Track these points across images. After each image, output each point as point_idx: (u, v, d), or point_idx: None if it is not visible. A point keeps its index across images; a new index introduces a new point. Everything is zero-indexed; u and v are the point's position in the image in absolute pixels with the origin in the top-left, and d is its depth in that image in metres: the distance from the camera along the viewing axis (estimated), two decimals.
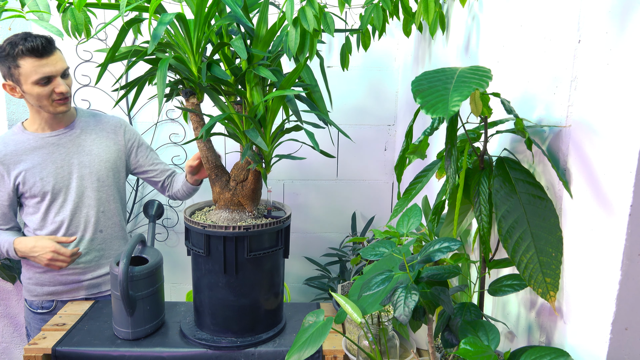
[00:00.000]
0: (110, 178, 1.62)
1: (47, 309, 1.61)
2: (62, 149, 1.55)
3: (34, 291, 1.60)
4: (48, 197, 1.54)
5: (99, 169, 1.59)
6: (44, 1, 0.94)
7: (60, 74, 1.45)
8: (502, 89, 1.03)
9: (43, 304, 1.61)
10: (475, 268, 1.13)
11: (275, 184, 2.23)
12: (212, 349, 1.27)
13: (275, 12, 1.94)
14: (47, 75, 1.41)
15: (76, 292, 1.62)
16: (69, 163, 1.55)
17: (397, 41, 2.12)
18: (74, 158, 1.56)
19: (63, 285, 1.60)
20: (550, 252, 0.76)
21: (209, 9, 1.11)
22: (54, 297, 1.60)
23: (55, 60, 1.42)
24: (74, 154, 1.56)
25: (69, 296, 1.62)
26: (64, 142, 1.55)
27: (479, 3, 1.19)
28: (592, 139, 0.73)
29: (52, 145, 1.54)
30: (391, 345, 1.07)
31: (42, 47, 1.39)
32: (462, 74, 0.69)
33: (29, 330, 1.66)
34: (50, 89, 1.43)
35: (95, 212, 1.60)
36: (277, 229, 1.28)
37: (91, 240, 1.61)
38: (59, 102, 1.47)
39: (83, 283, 1.62)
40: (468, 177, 0.85)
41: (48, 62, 1.40)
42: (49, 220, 1.56)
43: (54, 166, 1.53)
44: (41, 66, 1.40)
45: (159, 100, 1.03)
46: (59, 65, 1.44)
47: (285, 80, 1.12)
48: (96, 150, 1.60)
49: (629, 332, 0.70)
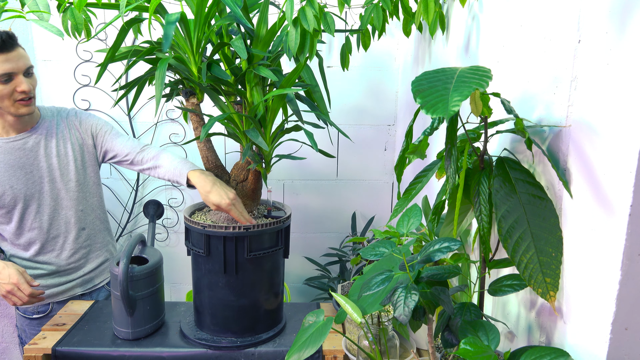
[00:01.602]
0: (83, 175, 1.57)
1: (42, 312, 1.57)
2: (29, 153, 1.46)
3: None
4: (20, 205, 1.47)
5: (70, 169, 1.53)
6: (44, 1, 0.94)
7: (22, 71, 1.35)
8: (502, 89, 1.03)
9: (39, 308, 1.57)
10: (475, 268, 1.13)
11: (275, 184, 2.23)
12: (212, 349, 1.27)
13: (275, 12, 1.94)
14: (8, 72, 1.31)
15: (71, 291, 1.61)
16: (38, 167, 1.48)
17: (397, 41, 2.12)
18: (43, 162, 1.48)
19: (57, 287, 1.58)
20: (550, 252, 0.76)
21: (209, 9, 1.11)
22: (49, 300, 1.57)
23: (16, 56, 1.33)
24: (42, 157, 1.48)
25: (65, 296, 1.60)
26: (31, 145, 1.46)
27: (479, 3, 1.19)
28: (592, 139, 0.73)
29: (18, 150, 1.45)
30: (391, 345, 1.07)
31: (1, 42, 1.29)
32: (462, 74, 0.69)
33: (23, 337, 1.62)
34: (11, 88, 1.34)
35: (74, 211, 1.56)
36: (277, 229, 1.28)
37: (76, 239, 1.58)
38: (22, 103, 1.37)
39: (77, 281, 1.61)
40: (468, 177, 0.85)
41: (8, 57, 1.31)
42: (26, 227, 1.51)
43: (22, 172, 1.45)
44: (1, 62, 1.30)
45: (156, 100, 1.03)
46: (22, 62, 1.35)
47: (286, 80, 1.12)
48: (63, 150, 1.52)
49: (629, 332, 0.70)
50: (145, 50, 1.18)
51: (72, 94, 2.08)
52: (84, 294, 1.63)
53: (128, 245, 1.28)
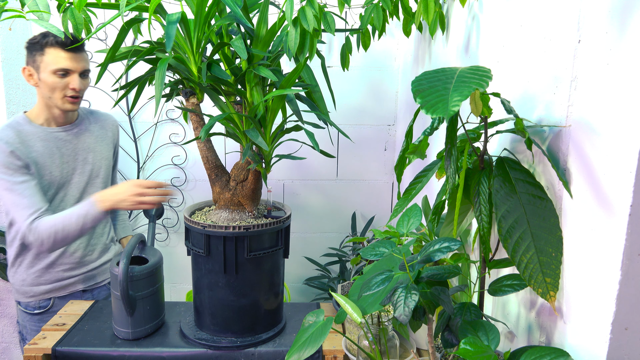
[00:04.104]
0: (107, 175, 1.68)
1: (44, 308, 1.60)
2: (68, 144, 1.57)
3: (29, 292, 1.58)
4: (52, 191, 1.54)
5: (100, 166, 1.64)
6: (44, 1, 0.94)
7: (79, 71, 1.49)
8: (502, 89, 1.03)
9: (40, 303, 1.60)
10: (475, 268, 1.13)
11: (275, 184, 2.23)
12: (212, 349, 1.27)
13: (275, 12, 1.94)
14: (66, 68, 1.45)
15: (73, 287, 1.63)
16: (73, 159, 1.58)
17: (397, 41, 2.12)
18: (79, 154, 1.59)
19: (59, 282, 1.60)
20: (550, 252, 0.76)
21: (209, 9, 1.11)
22: (51, 295, 1.60)
23: (79, 58, 1.48)
24: (79, 151, 1.59)
25: (67, 291, 1.62)
26: (70, 138, 1.58)
27: (479, 3, 1.19)
28: (592, 139, 0.73)
29: (58, 140, 1.56)
30: (391, 345, 1.07)
31: (70, 42, 1.45)
32: (462, 74, 0.69)
33: (24, 334, 1.64)
34: (65, 82, 1.47)
35: None
36: (277, 229, 1.28)
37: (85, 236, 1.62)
38: (69, 99, 1.50)
39: (79, 277, 1.63)
40: (468, 177, 0.85)
41: (72, 57, 1.46)
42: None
43: (60, 160, 1.55)
44: (64, 58, 1.45)
45: (156, 100, 1.03)
46: (81, 64, 1.49)
47: (286, 80, 1.12)
48: (98, 147, 1.64)
49: (629, 332, 0.70)
50: (145, 50, 1.18)
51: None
52: (85, 290, 1.66)
53: (128, 245, 1.28)
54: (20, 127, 1.50)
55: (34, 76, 1.48)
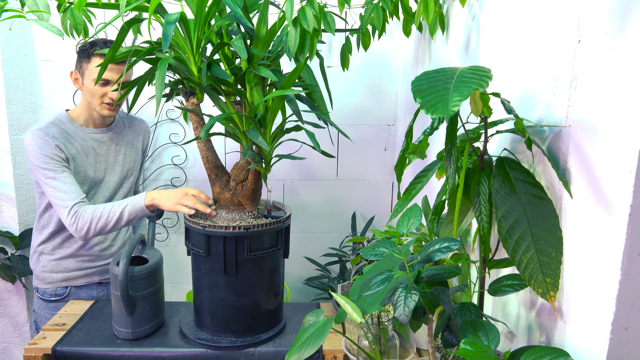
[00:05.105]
0: (136, 177, 1.77)
1: (60, 295, 1.67)
2: (103, 145, 1.65)
3: (48, 279, 1.65)
4: (85, 188, 1.60)
5: (129, 168, 1.72)
6: (44, 1, 0.94)
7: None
8: (502, 89, 1.03)
9: (57, 290, 1.66)
10: (475, 268, 1.13)
11: (275, 184, 2.23)
12: (212, 349, 1.27)
13: (275, 12, 1.94)
14: (108, 78, 1.52)
15: (90, 278, 1.70)
16: (106, 159, 1.66)
17: (397, 41, 2.12)
18: (111, 156, 1.67)
19: (77, 271, 1.67)
20: (550, 252, 0.76)
21: (209, 9, 1.11)
22: (68, 283, 1.67)
23: (120, 70, 1.53)
24: (112, 153, 1.67)
25: (83, 281, 1.68)
26: (105, 140, 1.66)
27: (479, 3, 1.19)
28: (592, 139, 0.73)
29: (95, 141, 1.64)
30: (391, 345, 1.07)
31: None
32: (462, 74, 0.69)
33: (38, 322, 1.70)
34: (103, 91, 1.54)
35: None
36: (277, 229, 1.28)
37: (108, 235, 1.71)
38: (107, 106, 1.57)
39: (97, 269, 1.70)
40: (468, 177, 0.85)
41: (114, 68, 1.52)
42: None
43: (94, 160, 1.63)
44: (108, 69, 1.51)
45: (157, 100, 1.03)
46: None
47: (286, 80, 1.12)
48: (129, 151, 1.72)
49: (629, 332, 0.70)
50: (145, 50, 1.18)
51: (72, 94, 2.08)
52: (101, 283, 1.73)
53: (128, 245, 1.29)
54: (63, 125, 1.58)
55: (79, 81, 1.57)
